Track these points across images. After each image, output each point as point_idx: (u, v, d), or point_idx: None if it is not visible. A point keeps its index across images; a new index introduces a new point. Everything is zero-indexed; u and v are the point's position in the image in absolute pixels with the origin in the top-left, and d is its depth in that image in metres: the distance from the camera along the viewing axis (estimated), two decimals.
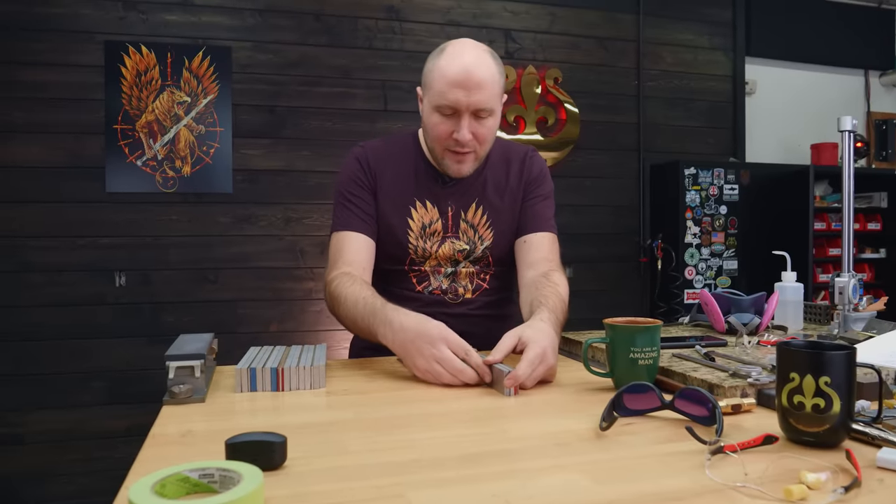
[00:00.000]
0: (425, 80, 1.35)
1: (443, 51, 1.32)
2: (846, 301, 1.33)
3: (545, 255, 1.40)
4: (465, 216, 1.42)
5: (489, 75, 1.29)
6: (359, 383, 1.10)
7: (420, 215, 1.41)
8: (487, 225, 1.43)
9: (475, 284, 1.44)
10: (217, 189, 3.10)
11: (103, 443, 2.93)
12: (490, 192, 1.44)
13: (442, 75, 1.28)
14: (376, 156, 1.44)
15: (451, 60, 1.28)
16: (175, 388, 0.98)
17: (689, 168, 3.55)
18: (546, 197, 1.48)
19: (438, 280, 1.42)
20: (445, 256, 1.42)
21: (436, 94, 1.30)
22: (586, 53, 3.64)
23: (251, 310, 3.15)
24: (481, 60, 1.29)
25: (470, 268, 1.43)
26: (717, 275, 3.60)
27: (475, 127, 1.31)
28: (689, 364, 1.07)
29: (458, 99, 1.28)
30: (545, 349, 1.04)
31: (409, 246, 1.40)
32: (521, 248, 1.43)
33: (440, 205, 1.42)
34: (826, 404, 0.71)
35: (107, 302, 2.99)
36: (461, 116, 1.30)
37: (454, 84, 1.27)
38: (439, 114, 1.31)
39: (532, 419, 0.89)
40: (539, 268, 1.37)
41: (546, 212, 1.46)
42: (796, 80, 4.15)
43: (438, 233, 1.41)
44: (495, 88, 1.31)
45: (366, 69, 3.26)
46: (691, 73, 3.86)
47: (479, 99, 1.28)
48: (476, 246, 1.43)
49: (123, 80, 2.98)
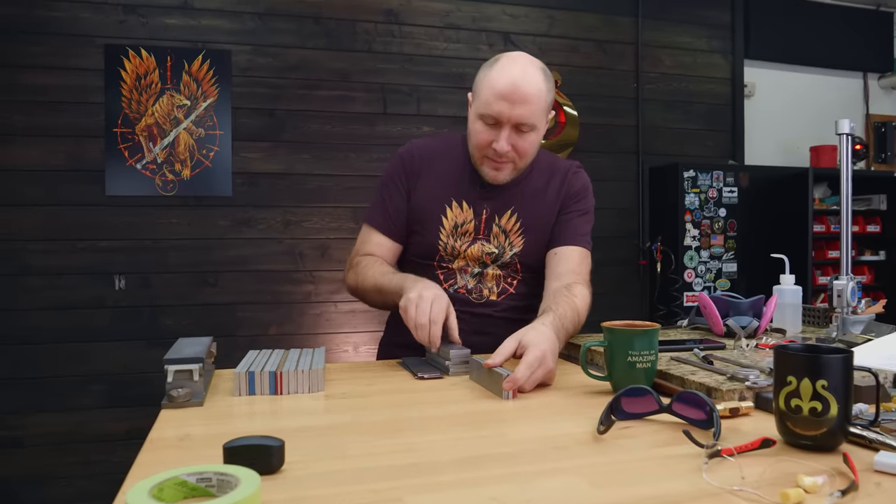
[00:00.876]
0: (475, 87, 1.38)
1: (496, 62, 1.35)
2: (844, 304, 1.33)
3: (573, 267, 1.41)
4: (498, 221, 1.44)
5: (535, 91, 1.31)
6: (357, 387, 1.10)
7: (454, 214, 1.43)
8: (519, 232, 1.44)
9: (501, 288, 1.45)
10: (216, 192, 3.10)
11: (102, 446, 2.93)
12: (527, 201, 1.45)
13: (490, 86, 1.31)
14: (422, 154, 1.48)
15: (501, 72, 1.31)
16: (173, 391, 0.98)
17: (688, 171, 3.55)
18: (584, 212, 1.48)
19: (465, 279, 1.44)
20: (474, 257, 1.43)
21: (482, 103, 1.33)
22: (585, 56, 3.64)
23: (250, 313, 3.15)
24: (530, 76, 1.31)
25: (497, 271, 1.45)
26: (717, 277, 3.60)
27: (515, 140, 1.34)
28: (687, 367, 1.07)
29: (501, 111, 1.30)
30: (544, 352, 1.04)
31: (439, 242, 1.43)
32: (552, 259, 1.44)
33: (476, 207, 1.44)
34: (823, 408, 0.71)
35: (106, 305, 2.99)
36: (502, 128, 1.32)
37: (499, 96, 1.30)
38: (482, 122, 1.35)
39: (530, 422, 0.89)
40: (564, 280, 1.37)
41: (582, 227, 1.46)
42: (795, 82, 4.16)
43: (470, 233, 1.43)
44: (540, 104, 1.33)
45: (365, 72, 3.27)
46: (690, 76, 3.86)
47: (521, 113, 1.31)
48: (505, 251, 1.44)
49: (123, 84, 2.98)
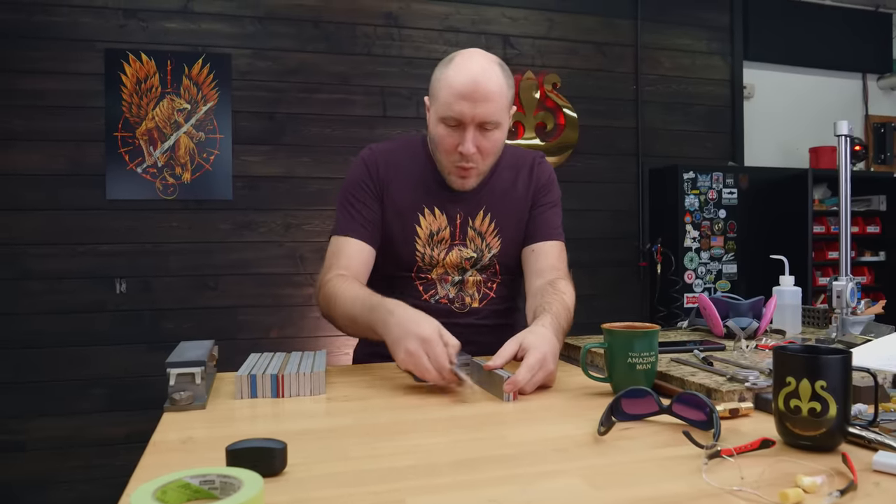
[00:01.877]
0: (432, 90, 1.33)
1: (451, 61, 1.30)
2: (844, 304, 1.34)
3: (553, 263, 1.40)
4: (472, 224, 1.41)
5: (496, 87, 1.27)
6: (359, 389, 1.11)
7: (428, 222, 1.39)
8: (495, 233, 1.42)
9: (482, 293, 1.43)
10: (217, 196, 3.11)
11: (104, 450, 2.93)
12: (498, 199, 1.42)
13: (448, 86, 1.27)
14: (385, 160, 1.42)
15: (458, 71, 1.26)
16: (176, 395, 0.98)
17: (687, 172, 3.56)
18: (554, 204, 1.47)
19: (445, 289, 1.41)
20: (452, 264, 1.40)
21: (442, 105, 1.29)
22: (584, 59, 3.65)
23: (251, 316, 3.16)
24: (489, 72, 1.27)
25: (477, 276, 1.42)
26: (717, 279, 3.61)
27: (480, 140, 1.30)
28: (687, 368, 1.08)
29: (462, 111, 1.26)
30: (545, 355, 1.04)
31: (416, 253, 1.39)
32: (529, 256, 1.42)
33: (448, 212, 1.40)
34: (822, 408, 0.72)
35: (107, 309, 2.99)
36: (466, 129, 1.28)
37: (460, 96, 1.25)
38: (445, 125, 1.30)
39: (530, 424, 0.90)
40: (546, 276, 1.36)
41: (554, 220, 1.45)
42: (794, 83, 4.16)
43: (446, 240, 1.40)
44: (502, 101, 1.29)
45: (365, 76, 3.28)
46: (689, 78, 3.87)
47: (484, 111, 1.26)
48: (483, 254, 1.41)
49: (123, 88, 2.99)
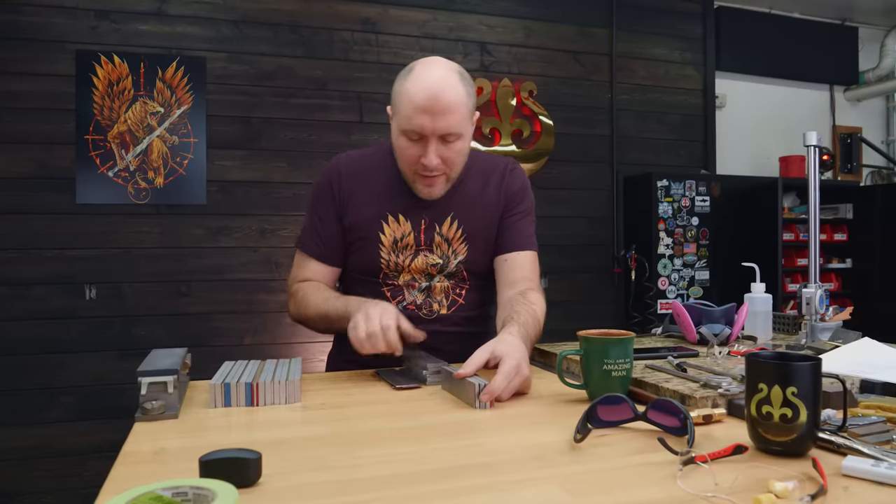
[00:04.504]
0: (393, 102, 1.32)
1: (410, 71, 1.29)
2: (813, 311, 1.36)
3: (525, 274, 1.40)
4: (439, 230, 1.40)
5: (455, 98, 1.26)
6: (335, 398, 1.10)
7: (392, 229, 1.39)
8: (462, 239, 1.41)
9: (450, 300, 1.42)
10: (191, 200, 3.07)
11: (73, 460, 2.87)
12: (466, 206, 1.42)
13: (408, 100, 1.26)
14: (349, 170, 1.42)
15: (417, 84, 1.25)
16: (147, 404, 0.97)
17: (661, 180, 3.61)
18: (527, 213, 1.46)
19: (413, 295, 1.41)
20: (419, 270, 1.40)
21: (402, 118, 1.28)
22: (560, 67, 3.69)
23: (225, 323, 3.12)
24: (447, 83, 1.25)
25: (445, 282, 1.42)
26: (690, 285, 3.66)
27: (443, 151, 1.29)
28: (661, 375, 1.09)
29: (423, 124, 1.25)
30: (519, 361, 1.05)
31: (380, 260, 1.39)
32: (502, 266, 1.42)
33: (413, 218, 1.40)
34: (793, 414, 0.73)
35: (77, 316, 2.94)
36: (428, 141, 1.27)
37: (419, 109, 1.24)
38: (406, 138, 1.29)
39: (508, 432, 0.90)
40: (518, 287, 1.37)
41: (527, 229, 1.45)
42: (765, 94, 4.25)
43: (411, 246, 1.39)
44: (462, 111, 1.28)
45: (342, 81, 3.27)
46: (663, 87, 3.93)
47: (445, 124, 1.26)
48: (449, 260, 1.41)
49: (95, 90, 2.94)
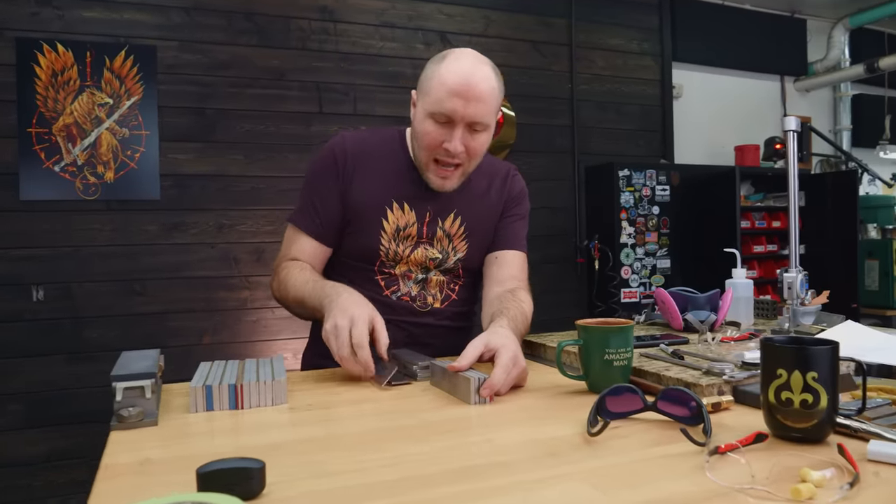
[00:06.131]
0: (423, 85, 1.29)
1: (444, 58, 1.27)
2: (795, 296, 1.37)
3: (514, 273, 1.39)
4: (441, 224, 1.38)
5: (489, 88, 1.25)
6: (321, 397, 1.05)
7: (396, 217, 1.35)
8: (463, 236, 1.39)
9: (444, 294, 1.40)
10: (143, 196, 2.93)
11: (22, 471, 2.71)
12: (470, 204, 1.40)
13: (442, 83, 1.23)
14: (356, 149, 1.37)
15: (453, 68, 1.24)
16: (124, 411, 0.89)
17: (622, 170, 3.63)
18: (522, 217, 1.47)
19: (408, 286, 1.37)
20: (417, 262, 1.37)
21: (433, 100, 1.25)
22: (521, 57, 3.67)
23: (182, 322, 2.99)
24: (483, 72, 1.24)
25: (441, 277, 1.40)
26: (652, 273, 3.70)
27: (468, 140, 1.27)
28: (659, 363, 1.07)
29: (455, 108, 1.23)
30: (515, 353, 1.02)
31: (380, 248, 1.35)
32: (492, 263, 1.41)
33: (418, 209, 1.37)
34: (814, 399, 0.71)
35: (23, 318, 2.77)
36: (455, 127, 1.25)
37: (453, 93, 1.22)
38: (433, 121, 1.26)
39: (515, 427, 0.86)
40: (506, 285, 1.36)
41: (520, 231, 1.46)
42: (719, 84, 4.33)
43: (412, 237, 1.36)
44: (493, 103, 1.27)
45: (299, 71, 3.17)
46: (622, 78, 3.96)
47: (476, 111, 1.24)
48: (449, 256, 1.39)
49: (38, 80, 2.78)
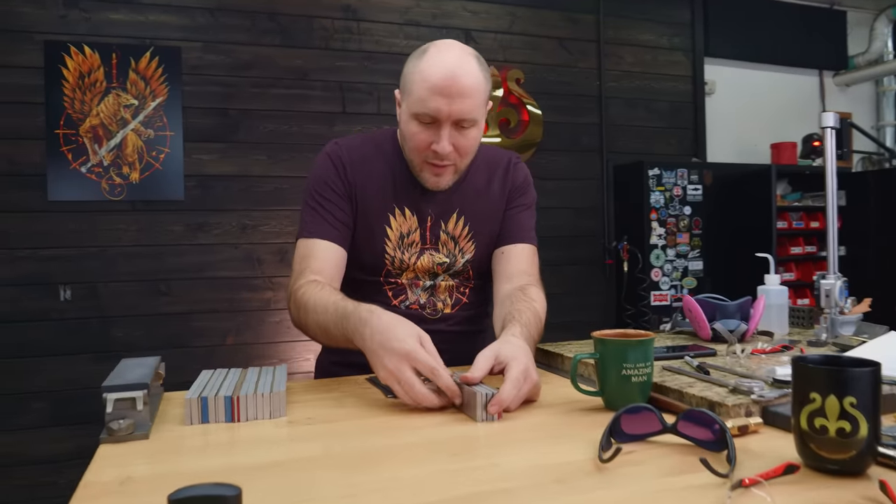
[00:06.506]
0: (404, 83, 1.22)
1: (424, 52, 1.19)
2: (833, 304, 1.28)
3: (524, 267, 1.32)
4: (445, 227, 1.32)
5: (474, 82, 1.17)
6: (324, 410, 1.00)
7: (398, 224, 1.30)
8: (469, 237, 1.33)
9: (455, 299, 1.34)
10: (168, 196, 2.94)
11: (47, 468, 2.74)
12: (472, 201, 1.34)
13: (423, 80, 1.16)
14: (353, 156, 1.31)
15: (433, 64, 1.16)
16: (113, 423, 0.86)
17: (652, 169, 3.53)
18: (528, 207, 1.39)
19: (416, 294, 1.32)
20: (424, 269, 1.31)
21: (415, 100, 1.18)
22: (547, 54, 3.59)
23: (206, 322, 3.00)
24: (466, 65, 1.16)
25: (450, 281, 1.34)
26: (683, 276, 3.59)
27: (456, 138, 1.20)
28: (682, 378, 1.00)
29: (438, 107, 1.16)
30: (527, 366, 0.96)
31: (385, 256, 1.30)
32: (500, 259, 1.34)
33: (420, 212, 1.31)
34: (852, 428, 0.64)
35: (50, 317, 2.81)
36: (441, 126, 1.18)
37: (435, 91, 1.15)
38: (418, 122, 1.19)
39: (522, 449, 0.80)
40: (516, 281, 1.29)
41: (527, 222, 1.37)
42: (754, 80, 4.18)
43: (416, 243, 1.30)
44: (480, 97, 1.19)
45: (323, 70, 3.15)
46: (652, 74, 3.85)
47: (461, 108, 1.16)
48: (456, 259, 1.33)
49: (65, 83, 2.80)
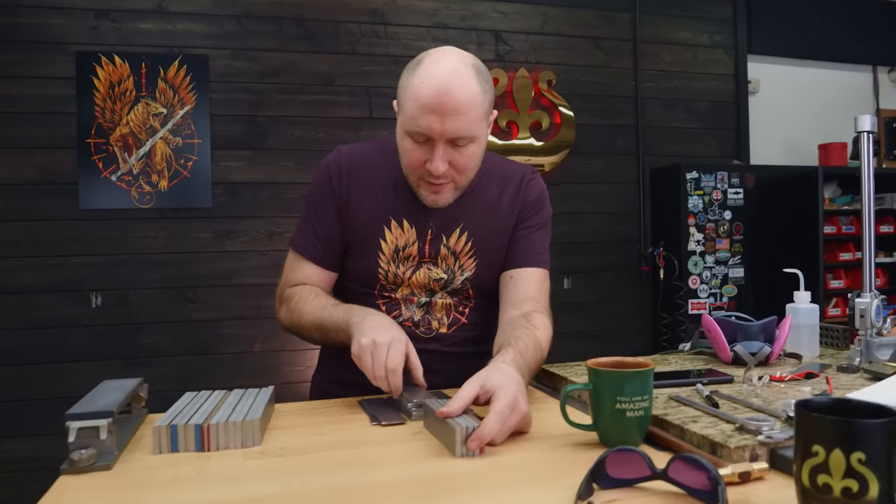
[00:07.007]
0: (399, 97, 1.15)
1: (418, 64, 1.12)
2: (868, 325, 1.17)
3: (531, 293, 1.23)
4: (446, 241, 1.24)
5: (468, 98, 1.09)
6: (301, 438, 0.94)
7: (394, 236, 1.23)
8: (471, 253, 1.25)
9: (452, 318, 1.27)
10: (196, 203, 2.96)
11: None
12: (478, 216, 1.26)
13: (415, 97, 1.09)
14: (351, 165, 1.26)
15: (425, 79, 1.09)
16: (75, 454, 0.82)
17: (690, 172, 3.39)
18: (541, 227, 1.30)
19: (411, 310, 1.25)
20: (419, 284, 1.25)
21: (408, 117, 1.11)
22: (581, 54, 3.49)
23: (233, 329, 3.00)
24: (460, 79, 1.09)
25: (447, 299, 1.26)
26: (723, 283, 3.44)
27: (452, 155, 1.13)
28: (688, 411, 0.91)
29: (430, 126, 1.09)
30: (515, 397, 0.88)
31: (378, 270, 1.24)
32: (507, 283, 1.25)
33: (419, 226, 1.24)
34: (860, 488, 0.55)
35: (82, 324, 2.85)
36: (435, 145, 1.11)
37: (426, 109, 1.08)
38: (411, 139, 1.13)
39: (493, 495, 0.73)
40: (522, 307, 1.20)
41: (540, 244, 1.28)
42: (801, 77, 3.98)
43: (413, 257, 1.24)
44: (476, 112, 1.11)
45: (350, 75, 3.12)
46: (691, 73, 3.71)
47: (455, 126, 1.09)
48: (455, 276, 1.25)
49: (96, 92, 2.84)
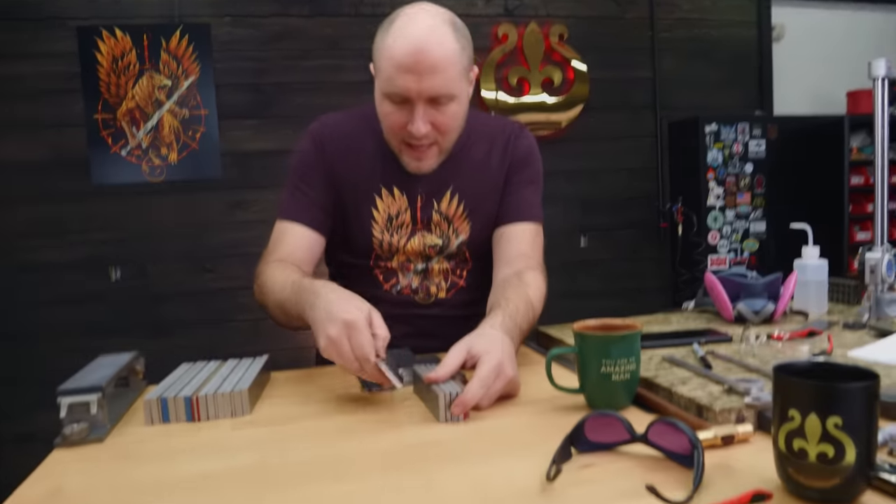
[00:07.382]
0: (374, 59, 1.12)
1: (392, 23, 1.08)
2: (878, 280, 1.13)
3: (523, 250, 1.20)
4: (437, 206, 1.23)
5: (445, 54, 1.06)
6: (290, 406, 0.95)
7: (386, 205, 1.22)
8: (464, 216, 1.24)
9: (450, 282, 1.26)
10: (206, 175, 2.97)
11: None
12: (468, 176, 1.23)
13: (389, 56, 1.06)
14: (335, 133, 1.24)
15: (399, 38, 1.05)
16: (67, 428, 0.83)
17: (710, 124, 3.29)
18: (531, 182, 1.27)
19: (408, 278, 1.25)
20: (415, 252, 1.24)
21: (384, 79, 1.09)
22: (593, 6, 3.38)
23: (249, 298, 2.96)
24: (436, 36, 1.05)
25: (444, 264, 1.25)
26: (744, 238, 3.36)
27: (433, 116, 1.10)
28: (679, 373, 0.89)
29: (407, 86, 1.06)
30: (500, 362, 0.87)
31: (372, 239, 1.23)
32: (499, 240, 1.23)
33: (409, 192, 1.22)
34: (836, 453, 0.53)
35: (104, 298, 2.90)
36: (414, 105, 1.09)
37: (402, 68, 1.05)
38: (390, 102, 1.11)
39: (472, 462, 0.72)
40: (514, 265, 1.17)
41: (531, 198, 1.25)
42: (828, 22, 3.81)
43: (407, 225, 1.23)
44: (454, 69, 1.08)
45: (354, 38, 3.07)
46: (711, 20, 3.57)
47: (432, 84, 1.06)
48: (450, 240, 1.24)
49: (100, 67, 2.84)
